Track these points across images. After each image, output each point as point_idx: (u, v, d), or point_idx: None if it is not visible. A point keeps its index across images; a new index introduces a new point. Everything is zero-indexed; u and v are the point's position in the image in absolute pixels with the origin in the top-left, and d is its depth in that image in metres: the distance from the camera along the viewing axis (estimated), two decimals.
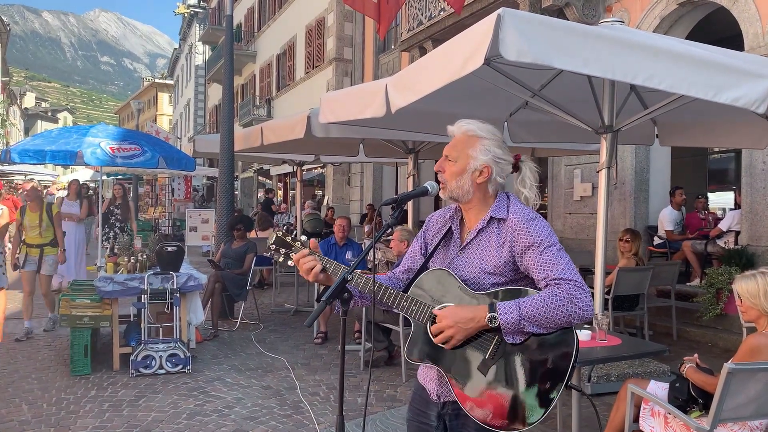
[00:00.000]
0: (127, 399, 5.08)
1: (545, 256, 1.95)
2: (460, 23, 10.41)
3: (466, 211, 2.16)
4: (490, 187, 2.11)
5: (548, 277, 1.93)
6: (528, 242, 1.98)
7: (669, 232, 8.79)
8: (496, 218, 2.07)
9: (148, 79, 74.29)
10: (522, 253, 1.99)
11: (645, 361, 5.47)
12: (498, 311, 1.90)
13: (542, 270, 1.94)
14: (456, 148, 2.11)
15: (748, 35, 7.58)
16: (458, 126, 2.14)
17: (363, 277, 2.09)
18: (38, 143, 8.41)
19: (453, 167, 2.10)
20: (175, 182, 21.82)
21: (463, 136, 2.12)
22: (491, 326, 1.91)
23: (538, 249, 1.96)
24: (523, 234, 1.99)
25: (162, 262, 6.24)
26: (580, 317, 1.90)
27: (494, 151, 2.09)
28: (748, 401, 2.87)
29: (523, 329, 1.90)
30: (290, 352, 6.64)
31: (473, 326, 1.93)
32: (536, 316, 1.87)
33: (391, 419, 4.67)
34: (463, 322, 1.93)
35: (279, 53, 25.40)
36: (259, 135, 7.30)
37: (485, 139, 2.10)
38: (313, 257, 2.14)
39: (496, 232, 2.06)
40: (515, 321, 1.88)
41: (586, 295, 1.91)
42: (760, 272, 3.23)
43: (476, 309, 1.94)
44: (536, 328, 1.89)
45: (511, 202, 2.09)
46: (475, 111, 5.01)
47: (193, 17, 43.81)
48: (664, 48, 3.21)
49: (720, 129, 5.64)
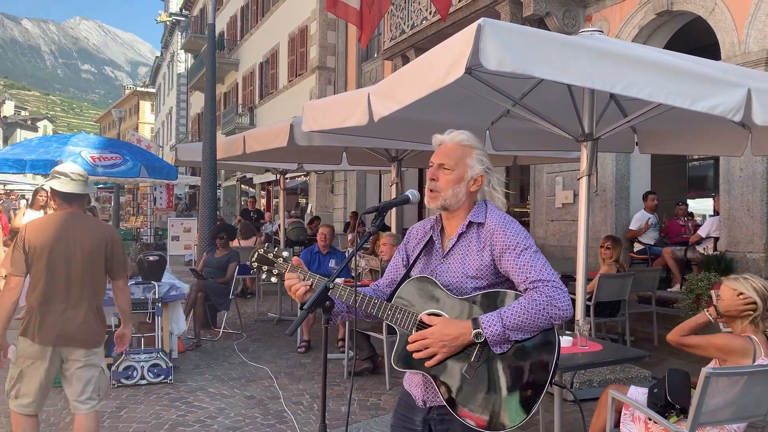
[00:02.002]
0: (109, 410, 5.02)
1: (522, 258, 2.00)
2: (442, 32, 10.48)
3: (450, 219, 2.20)
4: (479, 195, 2.18)
5: (527, 279, 1.98)
6: (504, 245, 2.03)
7: (630, 231, 9.04)
8: (475, 222, 2.13)
9: (129, 88, 73.79)
10: (500, 255, 2.04)
11: (626, 366, 5.52)
12: (482, 326, 1.93)
13: (521, 273, 1.99)
14: (452, 157, 2.14)
15: (724, 45, 7.72)
16: (451, 136, 2.17)
17: (347, 288, 2.12)
18: (18, 152, 8.34)
19: (450, 176, 2.13)
20: (156, 191, 21.67)
21: (457, 146, 2.16)
22: (477, 342, 1.94)
23: (515, 252, 2.02)
24: (500, 237, 2.05)
25: (143, 272, 6.20)
26: (560, 318, 1.94)
27: (486, 161, 2.17)
28: (725, 405, 2.90)
29: (509, 338, 1.94)
30: (273, 362, 6.61)
31: (458, 344, 1.97)
32: (519, 323, 1.91)
33: (374, 428, 4.67)
34: (448, 341, 1.96)
35: (262, 61, 25.38)
36: (242, 143, 7.28)
37: (478, 149, 2.17)
38: (296, 275, 2.18)
39: (476, 237, 2.11)
40: (500, 332, 1.92)
41: (564, 294, 1.96)
42: (742, 277, 3.30)
43: (461, 326, 1.97)
44: (521, 334, 1.94)
45: (488, 208, 2.15)
46: (458, 119, 5.05)
47: (175, 25, 43.67)
48: (643, 57, 3.26)
49: (698, 137, 5.73)
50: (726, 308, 3.25)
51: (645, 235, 8.90)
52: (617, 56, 3.18)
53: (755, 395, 2.96)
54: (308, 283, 2.16)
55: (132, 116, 63.79)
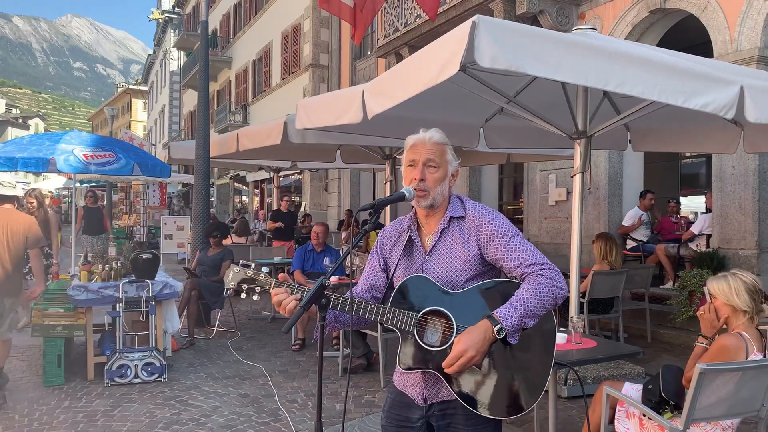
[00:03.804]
0: (102, 409, 5.01)
1: (512, 244, 2.05)
2: (436, 30, 10.48)
3: (429, 216, 2.20)
4: (453, 189, 2.23)
5: (523, 263, 2.02)
6: (492, 233, 2.07)
7: (621, 227, 9.07)
8: (456, 217, 2.15)
9: (121, 86, 73.47)
10: (487, 244, 2.08)
11: (620, 363, 5.54)
12: (501, 320, 1.95)
13: (514, 258, 2.04)
14: (437, 155, 2.15)
15: (716, 42, 7.75)
16: (429, 135, 2.17)
17: (339, 298, 2.10)
18: (9, 150, 8.26)
19: (436, 174, 2.14)
20: (149, 189, 21.59)
21: (436, 145, 2.17)
22: (500, 337, 1.95)
23: (503, 239, 2.06)
24: (486, 226, 2.09)
25: (137, 270, 6.17)
26: (562, 297, 2.02)
27: (455, 156, 2.22)
28: (719, 401, 2.92)
29: (525, 326, 1.98)
30: (268, 360, 6.60)
31: (487, 344, 1.97)
32: (531, 309, 1.97)
33: (369, 425, 4.67)
34: (479, 344, 1.95)
35: (255, 59, 25.31)
36: (235, 141, 7.27)
37: (449, 145, 2.20)
38: (284, 290, 2.13)
39: (458, 230, 2.14)
40: (518, 322, 1.96)
41: (560, 274, 2.05)
42: (731, 273, 3.32)
43: (481, 329, 1.97)
44: (533, 320, 1.99)
45: (465, 201, 2.19)
46: (452, 117, 5.05)
47: (168, 23, 43.50)
48: (636, 55, 3.27)
49: (691, 134, 5.76)
50: (709, 331, 3.30)
51: (637, 231, 8.94)
52: (610, 54, 3.18)
53: (748, 391, 2.97)
54: (297, 297, 2.09)
55: (124, 114, 63.51)
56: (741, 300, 3.19)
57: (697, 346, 3.39)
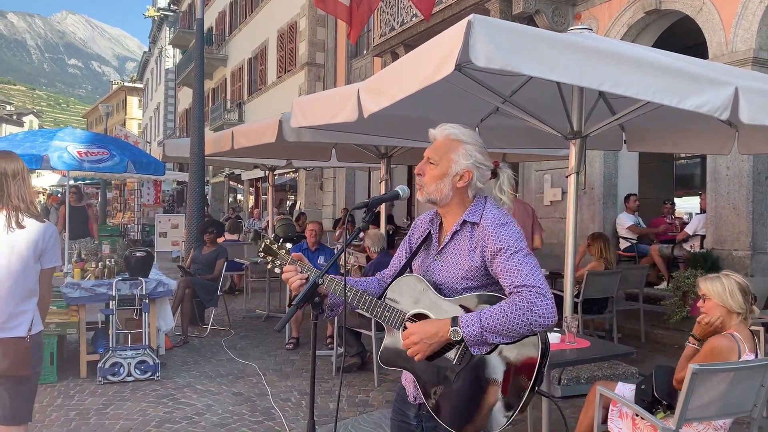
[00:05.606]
0: (95, 407, 4.99)
1: (511, 262, 1.95)
2: (431, 29, 10.47)
3: (444, 215, 2.18)
4: (470, 191, 2.12)
5: (512, 284, 1.93)
6: (496, 247, 1.98)
7: (633, 227, 9.03)
8: (470, 222, 2.08)
9: (117, 83, 73.32)
10: (491, 258, 2.00)
11: (614, 363, 5.55)
12: (460, 325, 1.91)
13: (507, 276, 1.95)
14: (437, 152, 2.12)
15: (712, 44, 7.77)
16: (440, 130, 2.15)
17: (341, 283, 2.10)
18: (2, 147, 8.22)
19: (434, 170, 2.11)
20: (144, 187, 21.53)
21: (445, 140, 2.13)
22: (454, 340, 1.93)
23: (505, 255, 1.96)
24: (492, 239, 2.00)
25: (130, 268, 6.15)
26: (540, 325, 1.89)
27: (476, 156, 2.11)
28: (711, 401, 2.93)
29: (486, 340, 1.91)
30: (261, 358, 6.59)
31: (437, 341, 1.95)
32: (497, 326, 1.88)
33: (363, 424, 4.66)
34: (428, 338, 1.95)
35: (251, 57, 25.26)
36: (230, 139, 7.23)
37: (467, 144, 2.12)
38: (294, 267, 2.17)
39: (468, 236, 2.08)
40: (477, 333, 1.89)
41: (547, 302, 1.89)
42: (723, 274, 3.32)
43: (440, 324, 1.95)
44: (499, 338, 1.90)
45: (486, 207, 2.10)
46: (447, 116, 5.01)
47: (163, 20, 43.37)
48: (631, 55, 3.27)
49: (685, 135, 5.76)
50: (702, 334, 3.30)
51: (629, 232, 8.98)
52: (606, 54, 3.18)
53: (741, 391, 2.98)
54: (304, 276, 2.14)
55: (119, 112, 63.33)
56: (735, 301, 3.19)
57: (688, 347, 3.39)
